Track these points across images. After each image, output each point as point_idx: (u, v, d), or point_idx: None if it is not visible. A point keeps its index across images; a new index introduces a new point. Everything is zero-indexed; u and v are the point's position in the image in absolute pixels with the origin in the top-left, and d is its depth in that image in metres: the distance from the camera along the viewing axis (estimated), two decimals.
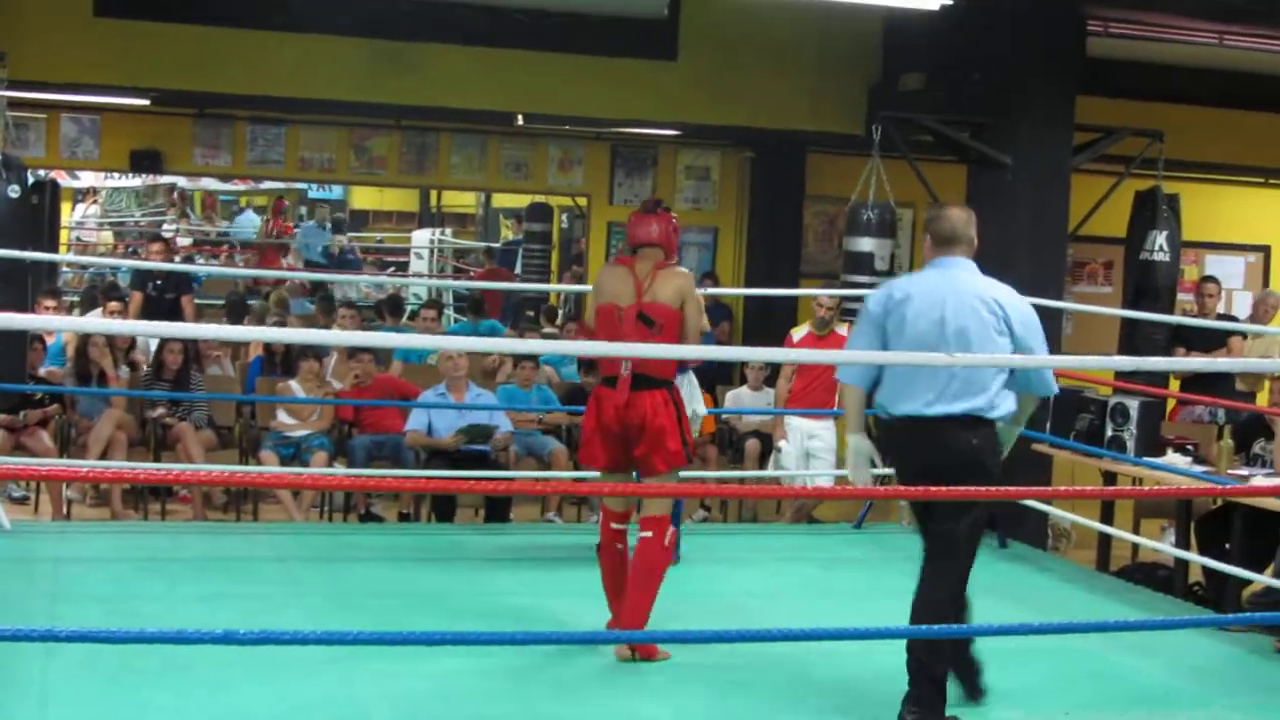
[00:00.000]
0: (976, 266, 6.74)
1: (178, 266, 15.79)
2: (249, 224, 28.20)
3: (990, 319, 6.52)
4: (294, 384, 12.58)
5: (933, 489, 6.31)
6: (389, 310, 16.69)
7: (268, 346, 13.68)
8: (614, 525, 7.65)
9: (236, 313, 16.71)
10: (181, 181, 25.79)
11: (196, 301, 15.56)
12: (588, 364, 13.59)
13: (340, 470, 11.83)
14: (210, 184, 27.30)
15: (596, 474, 7.82)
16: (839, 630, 5.86)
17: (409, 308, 18.46)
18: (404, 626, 7.02)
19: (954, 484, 6.25)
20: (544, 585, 8.91)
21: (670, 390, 7.56)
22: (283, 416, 12.44)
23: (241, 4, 13.59)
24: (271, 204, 27.14)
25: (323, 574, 9.19)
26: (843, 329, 11.94)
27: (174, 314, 13.91)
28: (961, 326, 6.49)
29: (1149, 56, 14.43)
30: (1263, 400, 11.59)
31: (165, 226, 24.69)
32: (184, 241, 24.93)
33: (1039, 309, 7.49)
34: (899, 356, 6.50)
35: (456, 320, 19.82)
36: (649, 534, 7.45)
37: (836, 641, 6.91)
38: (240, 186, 29.50)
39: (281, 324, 15.82)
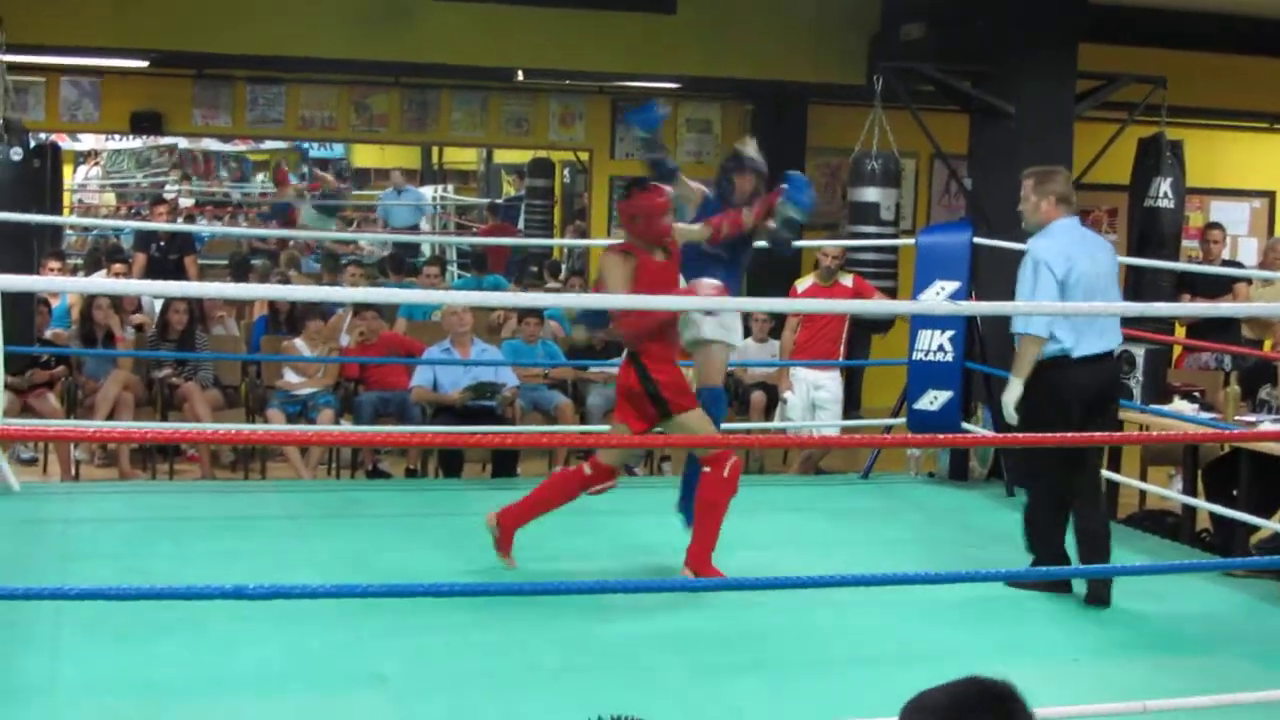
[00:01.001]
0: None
1: (191, 228, 15.78)
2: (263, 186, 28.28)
3: (1114, 265, 7.92)
4: (299, 342, 12.58)
5: (928, 436, 6.68)
6: (393, 267, 16.69)
7: (273, 305, 13.69)
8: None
9: (240, 272, 16.71)
10: (182, 143, 25.75)
11: (200, 262, 15.57)
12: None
13: (347, 427, 11.85)
14: (211, 144, 27.22)
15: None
16: (844, 577, 5.86)
17: (417, 262, 18.45)
18: (412, 581, 7.04)
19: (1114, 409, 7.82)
20: (549, 541, 8.90)
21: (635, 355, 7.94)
22: (288, 375, 12.46)
23: None
24: (273, 170, 27.07)
25: (331, 531, 9.21)
26: (847, 279, 11.94)
27: (178, 275, 13.93)
28: (1113, 274, 7.81)
29: (1151, 2, 14.37)
30: (1269, 346, 11.57)
31: (168, 188, 24.63)
32: (186, 203, 24.89)
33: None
34: (1069, 307, 7.56)
35: (460, 276, 19.82)
36: (708, 469, 7.80)
37: (842, 588, 6.94)
38: (241, 146, 29.47)
39: (286, 283, 15.82)
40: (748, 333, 13.99)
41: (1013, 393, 7.79)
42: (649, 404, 7.85)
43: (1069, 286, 7.53)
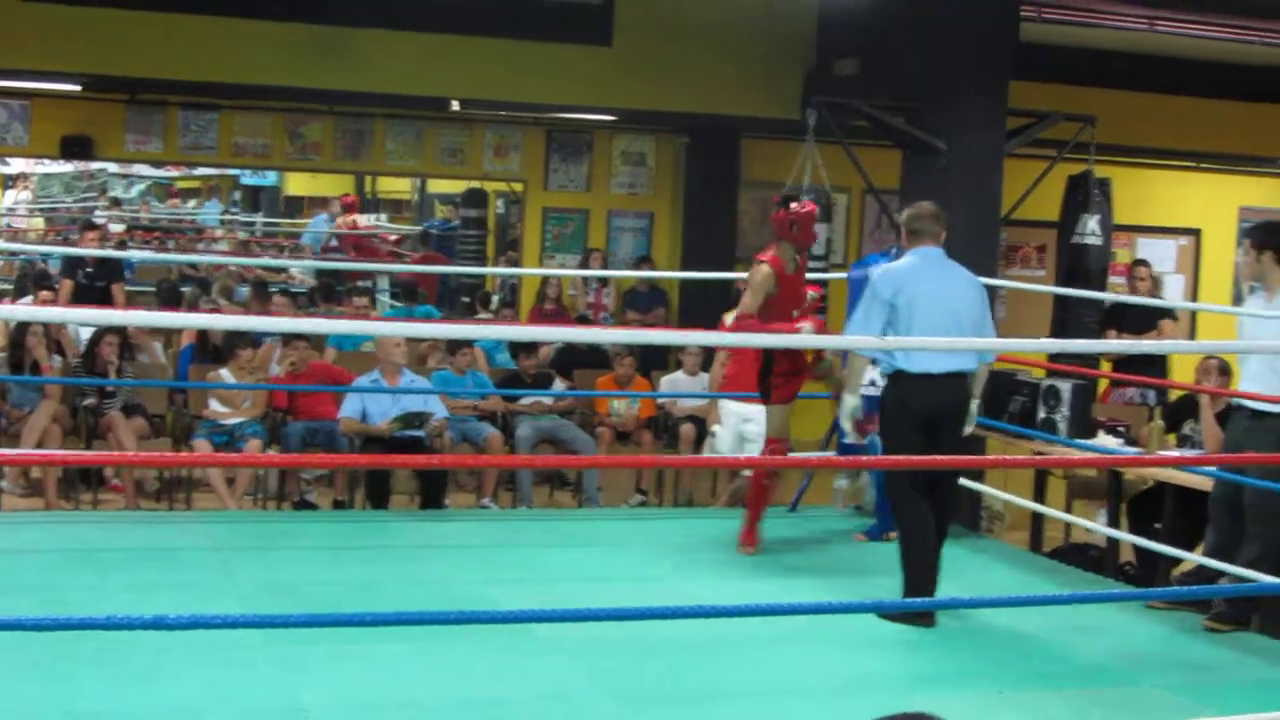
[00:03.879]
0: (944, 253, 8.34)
1: (120, 254, 15.67)
2: (214, 211, 28.13)
3: (975, 295, 8.27)
4: (225, 372, 12.50)
5: (851, 459, 7.47)
6: (322, 297, 16.63)
7: (201, 333, 13.61)
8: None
9: (169, 300, 16.60)
10: (112, 168, 25.63)
11: (128, 289, 15.46)
12: (522, 350, 13.60)
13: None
14: (143, 170, 27.13)
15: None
16: (771, 607, 5.88)
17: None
18: (338, 611, 7.00)
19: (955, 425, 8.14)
20: (479, 570, 8.91)
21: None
22: (215, 404, 12.37)
23: None
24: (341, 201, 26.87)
25: (257, 562, 9.12)
26: None
27: (105, 302, 13.82)
28: (960, 307, 8.14)
29: (1081, 41, 14.52)
30: (1189, 379, 11.67)
31: (97, 213, 24.49)
32: (116, 228, 24.75)
33: None
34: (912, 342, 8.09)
35: (392, 306, 19.78)
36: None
37: (770, 618, 6.96)
38: (174, 173, 29.38)
39: (216, 310, 15.72)
40: (678, 366, 14.03)
41: (845, 405, 8.63)
42: (758, 382, 9.47)
43: (898, 308, 8.06)
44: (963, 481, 10.50)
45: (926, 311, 8.06)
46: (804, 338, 8.84)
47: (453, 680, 6.76)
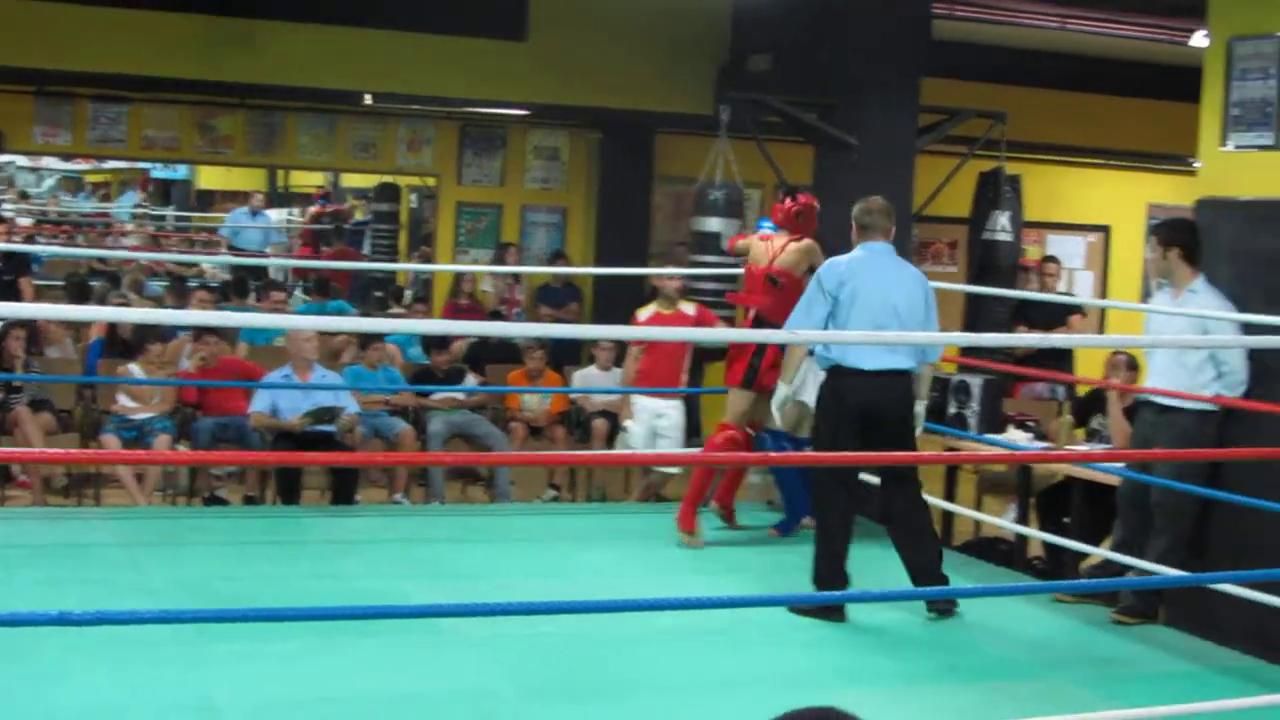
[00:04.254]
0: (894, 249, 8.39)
1: (28, 248, 15.52)
2: (129, 204, 27.85)
3: (920, 293, 8.24)
4: (134, 366, 12.39)
5: (759, 454, 8.83)
6: (236, 291, 16.52)
7: (110, 328, 13.49)
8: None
9: (78, 294, 16.43)
10: (20, 160, 25.38)
11: (36, 283, 15.32)
12: (434, 345, 13.55)
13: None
14: (52, 162, 26.89)
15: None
16: (682, 601, 5.88)
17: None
18: (249, 606, 6.96)
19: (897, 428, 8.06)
20: (390, 566, 8.88)
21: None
22: (124, 400, 12.26)
23: None
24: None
25: (166, 558, 9.06)
26: (689, 307, 11.97)
27: (11, 296, 13.68)
28: (899, 301, 8.12)
29: (993, 39, 14.62)
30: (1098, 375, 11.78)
31: (4, 207, 24.23)
32: (24, 222, 24.52)
33: None
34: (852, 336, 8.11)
35: (304, 301, 19.67)
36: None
37: (681, 612, 6.97)
38: (83, 165, 29.16)
39: (126, 305, 15.60)
40: (592, 360, 14.02)
41: (778, 394, 8.78)
42: (746, 369, 9.46)
43: (840, 302, 8.08)
44: (871, 478, 10.57)
45: (867, 305, 8.04)
46: (733, 331, 8.93)
47: (364, 676, 6.73)
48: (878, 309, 8.06)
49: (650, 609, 5.69)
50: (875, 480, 8.82)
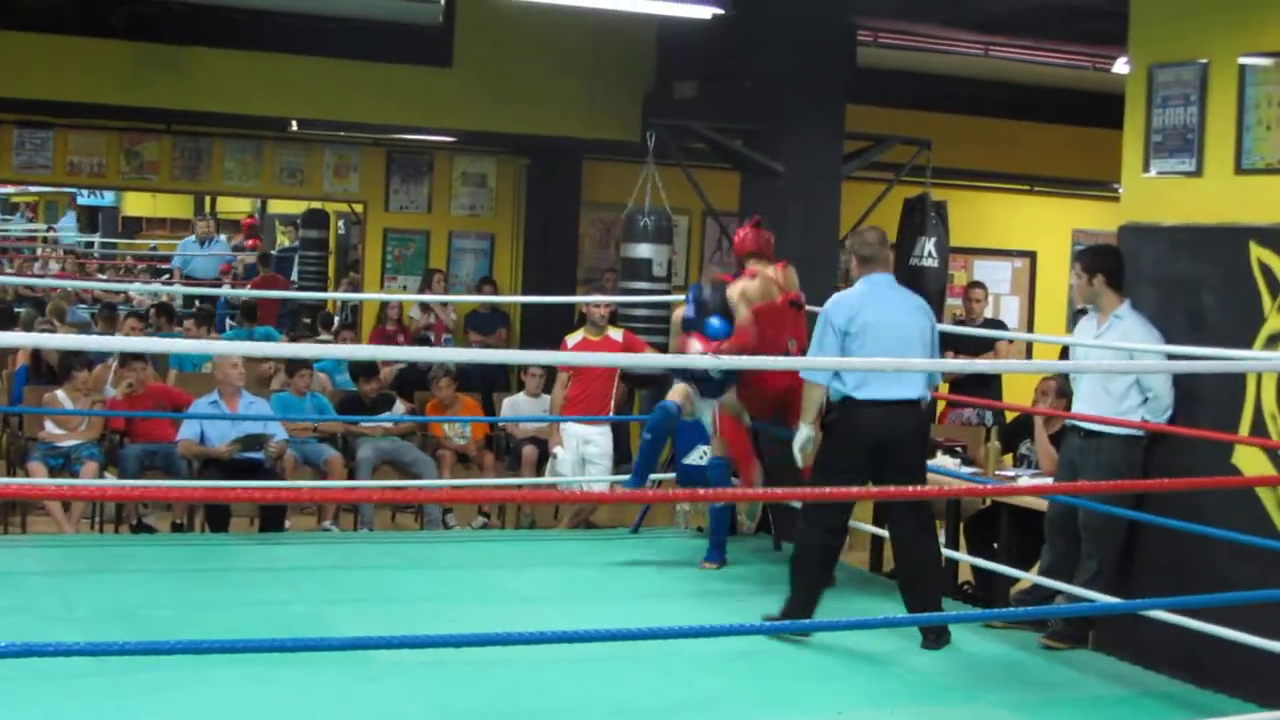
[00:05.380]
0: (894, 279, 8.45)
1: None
2: (70, 227, 27.67)
3: (927, 323, 8.26)
4: (60, 394, 12.30)
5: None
6: (164, 318, 16.43)
7: (35, 354, 13.39)
8: None
9: (2, 321, 16.30)
10: None
11: None
12: (362, 372, 13.51)
13: (111, 481, 11.62)
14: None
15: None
16: (611, 631, 5.88)
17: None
18: (176, 637, 6.90)
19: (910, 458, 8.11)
20: (319, 593, 8.84)
21: None
22: (50, 427, 12.16)
23: (4, 4, 13.30)
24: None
25: (93, 587, 8.98)
26: (617, 333, 12.00)
27: None
28: (910, 333, 8.13)
29: (918, 66, 14.72)
30: (1026, 400, 11.86)
31: None
32: None
33: (811, 314, 9.28)
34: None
35: (231, 328, 19.59)
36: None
37: (609, 642, 6.96)
38: (9, 189, 28.99)
39: (51, 331, 15.50)
40: (521, 386, 14.02)
41: (800, 435, 8.40)
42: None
43: (851, 335, 8.03)
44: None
45: (877, 338, 8.03)
46: (664, 357, 8.87)
47: (291, 705, 6.70)
48: (889, 341, 8.04)
49: (582, 640, 5.67)
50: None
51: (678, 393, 9.72)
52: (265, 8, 13.82)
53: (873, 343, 8.01)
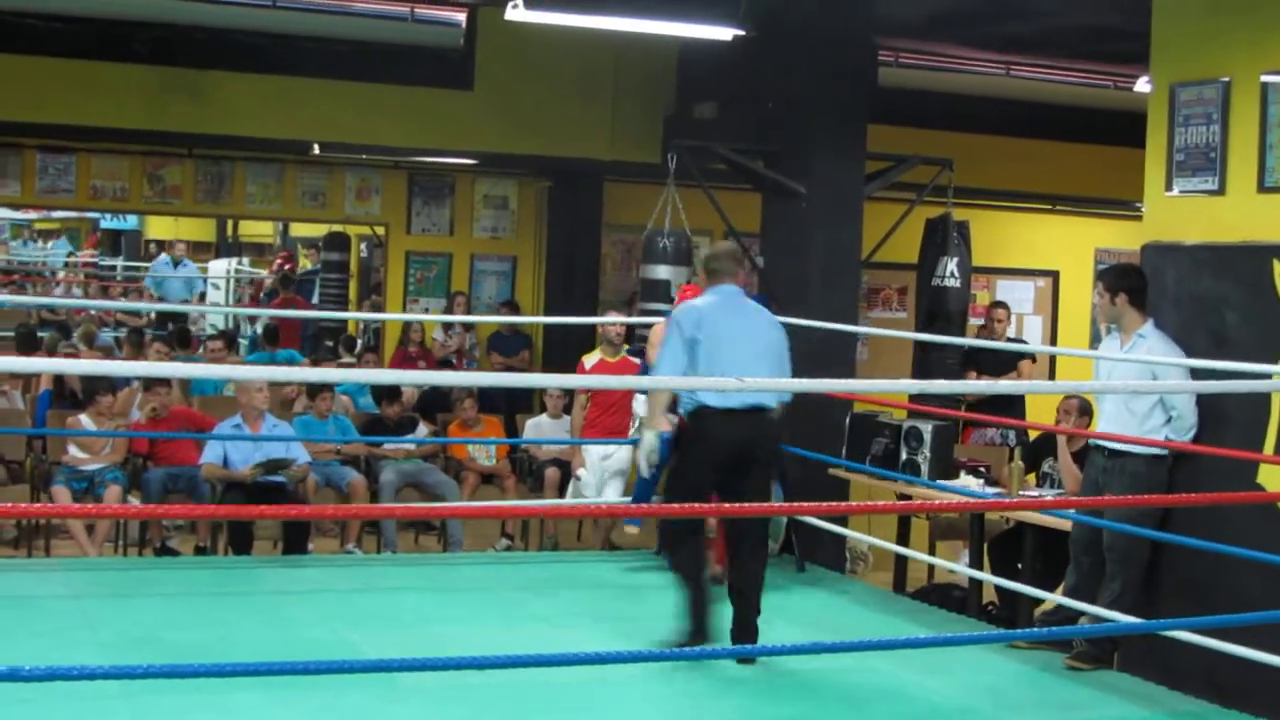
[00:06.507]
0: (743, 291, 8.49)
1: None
2: (61, 252, 27.74)
3: (776, 334, 8.36)
4: (84, 417, 12.33)
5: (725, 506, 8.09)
6: (179, 342, 16.46)
7: (59, 378, 13.42)
8: None
9: (27, 344, 16.34)
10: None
11: None
12: (385, 394, 13.52)
13: (134, 504, 11.63)
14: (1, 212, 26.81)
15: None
16: (633, 654, 5.88)
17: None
18: (199, 661, 6.91)
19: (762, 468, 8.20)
20: (343, 616, 8.84)
21: None
22: (74, 450, 12.19)
23: (26, 30, 13.35)
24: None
25: (117, 610, 9.01)
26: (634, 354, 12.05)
27: None
28: (754, 342, 8.19)
29: (939, 86, 14.72)
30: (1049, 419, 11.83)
31: None
32: None
33: (832, 334, 10.00)
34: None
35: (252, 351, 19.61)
36: None
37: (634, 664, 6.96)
38: (33, 215, 29.11)
39: (76, 355, 15.54)
40: (543, 407, 14.02)
41: (644, 443, 8.43)
42: None
43: (700, 343, 8.08)
44: (826, 524, 10.60)
45: (731, 349, 8.08)
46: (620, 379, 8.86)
47: None
48: (742, 351, 8.11)
49: (610, 662, 5.68)
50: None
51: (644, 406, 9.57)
52: (286, 32, 13.87)
53: (727, 353, 8.07)
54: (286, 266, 24.78)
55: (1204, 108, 8.27)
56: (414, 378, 12.72)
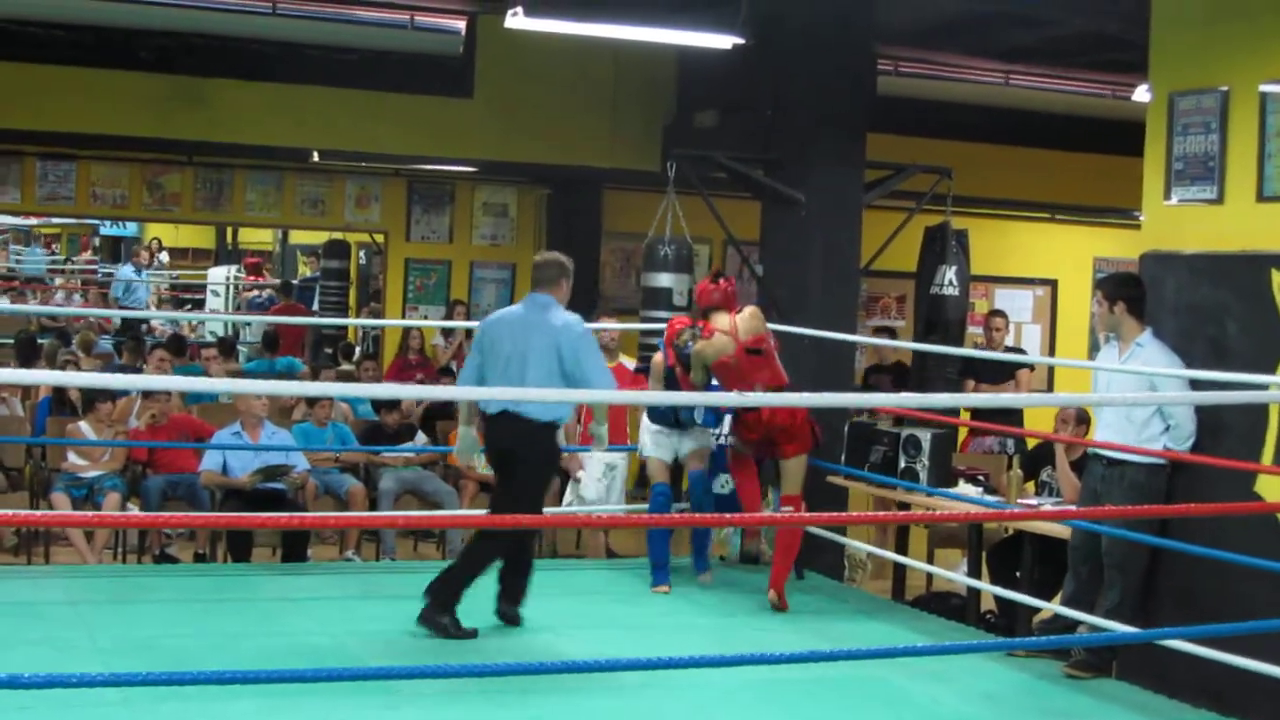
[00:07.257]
0: (555, 301, 8.80)
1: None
2: (37, 257, 27.71)
3: (549, 343, 8.56)
4: (83, 425, 12.34)
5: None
6: (172, 350, 16.44)
7: (57, 387, 13.41)
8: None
9: (27, 352, 16.34)
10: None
11: None
12: (384, 402, 13.51)
13: (134, 511, 11.63)
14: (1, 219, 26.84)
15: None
16: (636, 661, 5.89)
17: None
18: (199, 668, 6.92)
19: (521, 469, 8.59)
20: (342, 623, 8.84)
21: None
22: (73, 458, 12.20)
23: (27, 38, 13.37)
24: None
25: (116, 617, 9.00)
26: (629, 361, 12.06)
27: None
28: (528, 349, 8.54)
29: (938, 95, 14.73)
30: (1047, 427, 11.85)
31: None
32: None
33: (831, 343, 10.02)
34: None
35: (252, 359, 19.62)
36: (789, 508, 9.58)
37: (634, 672, 6.96)
38: (33, 220, 29.12)
39: (75, 362, 15.53)
40: None
41: (466, 439, 9.04)
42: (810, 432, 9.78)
43: (484, 352, 8.72)
44: (824, 532, 10.62)
45: (500, 353, 8.61)
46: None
47: None
48: (508, 357, 8.57)
49: (608, 670, 5.68)
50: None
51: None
52: (287, 40, 13.88)
53: (495, 359, 8.64)
54: (259, 270, 24.87)
55: (1203, 117, 8.29)
56: (411, 393, 12.79)
